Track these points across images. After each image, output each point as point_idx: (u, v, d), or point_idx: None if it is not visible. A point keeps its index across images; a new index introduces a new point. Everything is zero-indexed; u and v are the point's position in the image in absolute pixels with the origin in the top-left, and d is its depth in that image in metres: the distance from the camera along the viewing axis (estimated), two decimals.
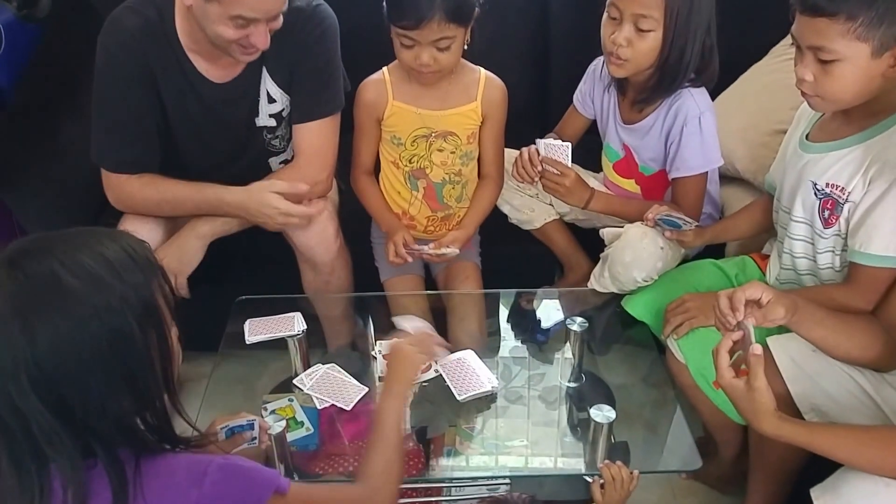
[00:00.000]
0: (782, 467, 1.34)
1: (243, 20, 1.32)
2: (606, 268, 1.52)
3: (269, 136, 1.60)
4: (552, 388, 1.44)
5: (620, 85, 1.59)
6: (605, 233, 1.57)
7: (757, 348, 1.04)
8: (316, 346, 1.53)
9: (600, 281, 1.55)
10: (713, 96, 1.54)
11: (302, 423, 1.32)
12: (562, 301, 1.71)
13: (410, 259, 1.58)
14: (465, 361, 1.40)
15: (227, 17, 1.31)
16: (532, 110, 2.08)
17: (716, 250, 1.61)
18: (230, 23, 1.32)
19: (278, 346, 1.43)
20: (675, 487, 1.58)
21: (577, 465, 1.32)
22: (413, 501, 1.33)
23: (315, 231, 1.56)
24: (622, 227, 1.54)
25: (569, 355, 1.44)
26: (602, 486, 1.19)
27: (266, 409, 1.33)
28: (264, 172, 1.60)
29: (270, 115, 1.56)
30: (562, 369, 1.47)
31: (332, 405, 1.34)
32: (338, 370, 1.42)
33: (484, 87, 1.57)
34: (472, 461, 1.31)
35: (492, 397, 1.38)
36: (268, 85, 1.52)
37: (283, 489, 0.89)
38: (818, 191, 1.26)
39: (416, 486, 1.34)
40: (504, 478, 1.30)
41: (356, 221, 1.71)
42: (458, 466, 1.30)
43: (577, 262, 1.79)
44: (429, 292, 1.69)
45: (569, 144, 1.53)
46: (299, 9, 1.46)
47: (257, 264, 1.73)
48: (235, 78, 1.50)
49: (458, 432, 1.34)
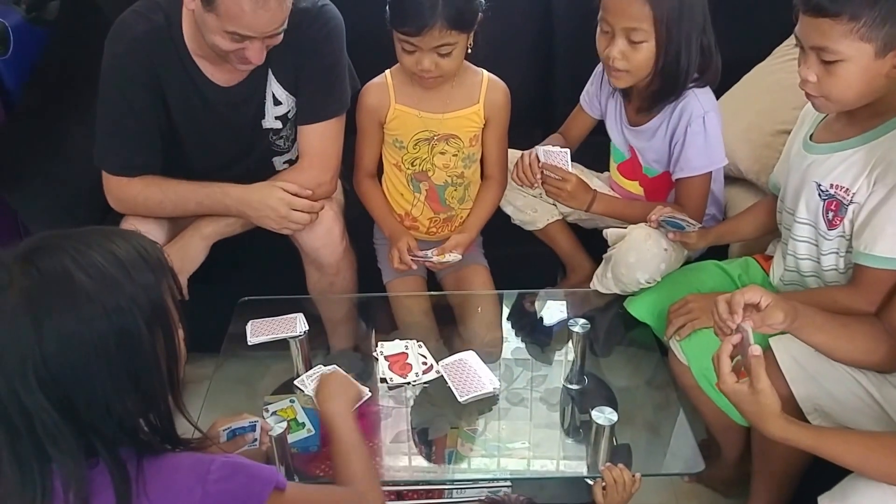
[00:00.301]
0: (785, 470, 1.34)
1: (238, 36, 1.32)
2: (609, 269, 1.51)
3: (274, 137, 1.60)
4: (554, 390, 1.44)
5: (624, 91, 1.59)
6: (609, 233, 1.57)
7: (756, 349, 1.03)
8: (318, 348, 1.54)
9: (603, 282, 1.54)
10: (716, 96, 1.53)
11: (303, 425, 1.31)
12: (564, 302, 1.71)
13: (415, 266, 1.59)
14: (467, 363, 1.40)
15: (223, 30, 1.32)
16: (536, 112, 2.08)
17: (719, 251, 1.60)
18: (226, 35, 1.33)
19: (280, 347, 1.43)
20: (677, 490, 1.58)
21: (578, 467, 1.31)
22: (414, 503, 1.33)
23: (321, 232, 1.55)
24: (626, 227, 1.53)
25: (571, 357, 1.43)
26: (604, 489, 1.18)
27: (267, 410, 1.33)
28: (268, 172, 1.61)
29: (276, 118, 1.56)
30: (564, 371, 1.46)
31: None
32: (340, 372, 1.41)
33: (486, 90, 1.57)
34: (474, 463, 1.31)
35: (493, 399, 1.37)
36: (273, 87, 1.53)
37: (283, 486, 0.90)
38: (822, 192, 1.25)
39: (418, 487, 1.34)
40: (505, 480, 1.29)
41: (359, 223, 1.71)
42: (459, 468, 1.30)
43: (579, 262, 1.79)
44: (431, 293, 1.69)
45: (567, 150, 1.53)
46: (305, 10, 1.46)
47: (260, 265, 1.73)
48: (241, 81, 1.51)
49: (459, 434, 1.33)
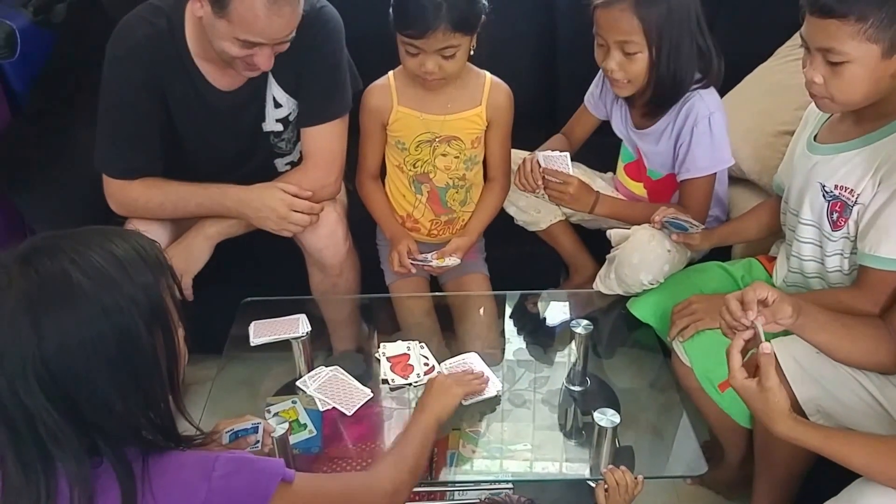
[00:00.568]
0: (788, 472, 1.33)
1: (249, 42, 1.33)
2: (612, 269, 1.51)
3: (275, 139, 1.61)
4: (556, 392, 1.43)
5: (628, 97, 1.59)
6: (612, 234, 1.56)
7: (766, 347, 1.03)
8: (321, 349, 1.54)
9: (606, 283, 1.54)
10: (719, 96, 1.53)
11: (305, 426, 1.31)
12: (567, 303, 1.70)
13: (414, 270, 1.59)
14: (469, 364, 1.40)
15: (234, 37, 1.32)
16: (539, 113, 2.07)
17: (722, 252, 1.59)
18: (236, 42, 1.33)
19: (283, 348, 1.43)
20: (679, 492, 1.57)
21: (581, 469, 1.31)
22: None
23: (324, 233, 1.56)
24: (629, 228, 1.53)
25: (573, 358, 1.43)
26: (606, 491, 1.18)
27: (269, 411, 1.33)
28: (270, 174, 1.61)
29: (277, 120, 1.57)
30: (566, 372, 1.46)
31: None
32: (342, 373, 1.41)
33: (489, 92, 1.57)
34: (476, 465, 1.30)
35: (496, 400, 1.37)
36: (274, 90, 1.53)
37: (290, 478, 0.89)
38: (826, 193, 1.25)
39: (420, 489, 1.34)
40: (507, 482, 1.29)
41: (363, 224, 1.71)
42: (461, 470, 1.29)
43: (582, 263, 1.78)
44: (433, 294, 1.69)
45: (567, 154, 1.53)
46: (303, 13, 1.46)
47: (263, 266, 1.74)
48: (242, 85, 1.51)
49: (461, 436, 1.33)
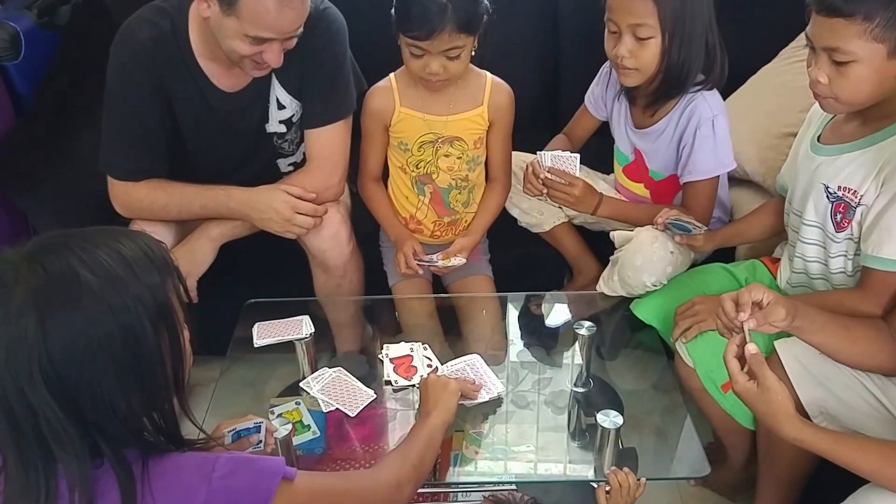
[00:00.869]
0: (791, 473, 1.33)
1: (259, 38, 1.33)
2: (616, 271, 1.51)
3: (279, 141, 1.61)
4: (560, 393, 1.43)
5: (630, 93, 1.58)
6: (616, 235, 1.56)
7: (752, 347, 1.04)
8: (324, 350, 1.54)
9: (609, 284, 1.54)
10: (722, 98, 1.52)
11: (308, 427, 1.31)
12: (570, 304, 1.70)
13: (420, 271, 1.59)
14: (472, 366, 1.40)
15: (243, 34, 1.33)
16: (543, 115, 2.08)
17: (726, 254, 1.59)
18: (246, 39, 1.33)
19: (287, 349, 1.43)
20: (683, 493, 1.57)
21: (584, 470, 1.31)
22: None
23: (328, 234, 1.56)
24: (632, 229, 1.53)
25: (577, 360, 1.43)
26: (608, 493, 1.18)
27: (273, 412, 1.33)
28: (274, 175, 1.61)
29: (280, 122, 1.57)
30: (569, 374, 1.45)
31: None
32: (345, 374, 1.42)
33: (490, 92, 1.57)
34: (479, 466, 1.30)
35: (498, 402, 1.37)
36: (277, 92, 1.53)
37: (291, 476, 0.89)
38: (830, 194, 1.24)
39: (424, 490, 1.34)
40: (511, 483, 1.29)
41: (365, 225, 1.71)
42: (465, 471, 1.29)
43: (586, 264, 1.78)
44: (436, 295, 1.69)
45: (577, 156, 1.52)
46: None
47: (267, 268, 1.74)
48: (246, 86, 1.51)
49: (465, 437, 1.33)
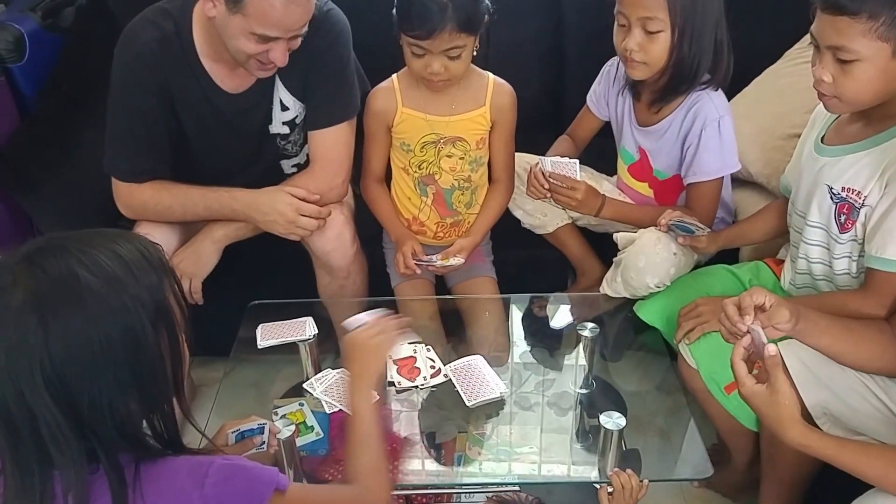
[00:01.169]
0: (794, 475, 1.33)
1: (265, 37, 1.33)
2: (619, 273, 1.51)
3: (282, 142, 1.61)
4: (563, 395, 1.43)
5: (635, 89, 1.58)
6: (619, 237, 1.56)
7: (772, 348, 1.01)
8: (328, 351, 1.54)
9: (612, 286, 1.54)
10: (727, 98, 1.52)
11: (312, 428, 1.31)
12: (574, 306, 1.70)
13: (419, 271, 1.59)
14: (475, 367, 1.40)
15: (249, 32, 1.33)
16: (547, 116, 2.08)
17: (729, 255, 1.58)
18: (252, 37, 1.34)
19: (290, 350, 1.43)
20: (686, 495, 1.57)
21: (587, 472, 1.31)
22: None
23: (332, 236, 1.56)
24: (635, 231, 1.52)
25: (580, 361, 1.43)
26: (610, 494, 1.18)
27: (276, 413, 1.33)
28: (277, 176, 1.62)
29: (284, 123, 1.57)
30: (573, 375, 1.45)
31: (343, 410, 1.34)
32: (348, 375, 1.41)
33: (492, 93, 1.57)
34: (482, 467, 1.30)
35: (501, 403, 1.37)
36: (281, 93, 1.54)
37: (284, 487, 0.89)
38: (834, 195, 1.24)
39: (427, 491, 1.34)
40: (514, 484, 1.29)
41: (369, 227, 1.71)
42: (467, 472, 1.30)
43: (589, 266, 1.78)
44: (438, 297, 1.69)
45: (576, 161, 1.53)
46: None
47: (270, 269, 1.74)
48: (249, 88, 1.52)
49: (468, 438, 1.33)
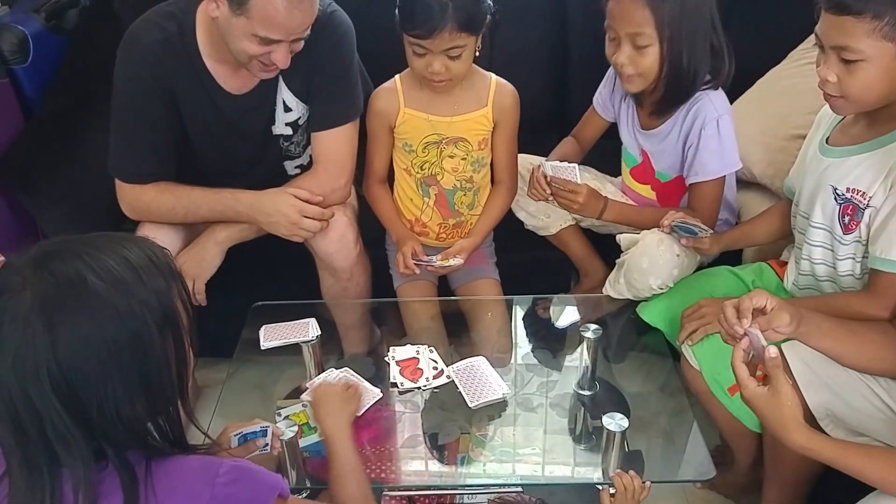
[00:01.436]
0: (797, 476, 1.33)
1: (267, 39, 1.34)
2: (622, 274, 1.51)
3: (285, 143, 1.62)
4: (566, 396, 1.43)
5: (636, 96, 1.58)
6: (622, 238, 1.56)
7: (773, 350, 1.01)
8: (331, 353, 1.54)
9: (615, 287, 1.54)
10: (730, 100, 1.52)
11: (315, 429, 1.31)
12: (577, 307, 1.70)
13: (418, 271, 1.59)
14: (477, 368, 1.41)
15: (252, 34, 1.33)
16: (552, 117, 2.08)
17: (732, 257, 1.58)
18: (254, 39, 1.34)
19: (293, 351, 1.44)
20: (689, 496, 1.57)
21: (589, 473, 1.31)
22: None
23: (335, 237, 1.56)
24: (638, 232, 1.52)
25: (583, 362, 1.43)
26: (612, 496, 1.18)
27: (280, 414, 1.33)
28: (281, 177, 1.62)
29: (287, 124, 1.58)
30: (575, 376, 1.45)
31: None
32: (352, 374, 1.42)
33: (494, 93, 1.57)
34: (485, 468, 1.30)
35: (504, 404, 1.37)
36: (284, 94, 1.54)
37: (286, 495, 0.90)
38: (838, 196, 1.24)
39: (430, 492, 1.34)
40: (516, 485, 1.29)
41: (372, 228, 1.71)
42: (470, 473, 1.30)
43: (592, 267, 1.78)
44: (440, 298, 1.69)
45: (575, 165, 1.53)
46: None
47: (274, 270, 1.74)
48: (252, 89, 1.52)
49: (470, 439, 1.33)
